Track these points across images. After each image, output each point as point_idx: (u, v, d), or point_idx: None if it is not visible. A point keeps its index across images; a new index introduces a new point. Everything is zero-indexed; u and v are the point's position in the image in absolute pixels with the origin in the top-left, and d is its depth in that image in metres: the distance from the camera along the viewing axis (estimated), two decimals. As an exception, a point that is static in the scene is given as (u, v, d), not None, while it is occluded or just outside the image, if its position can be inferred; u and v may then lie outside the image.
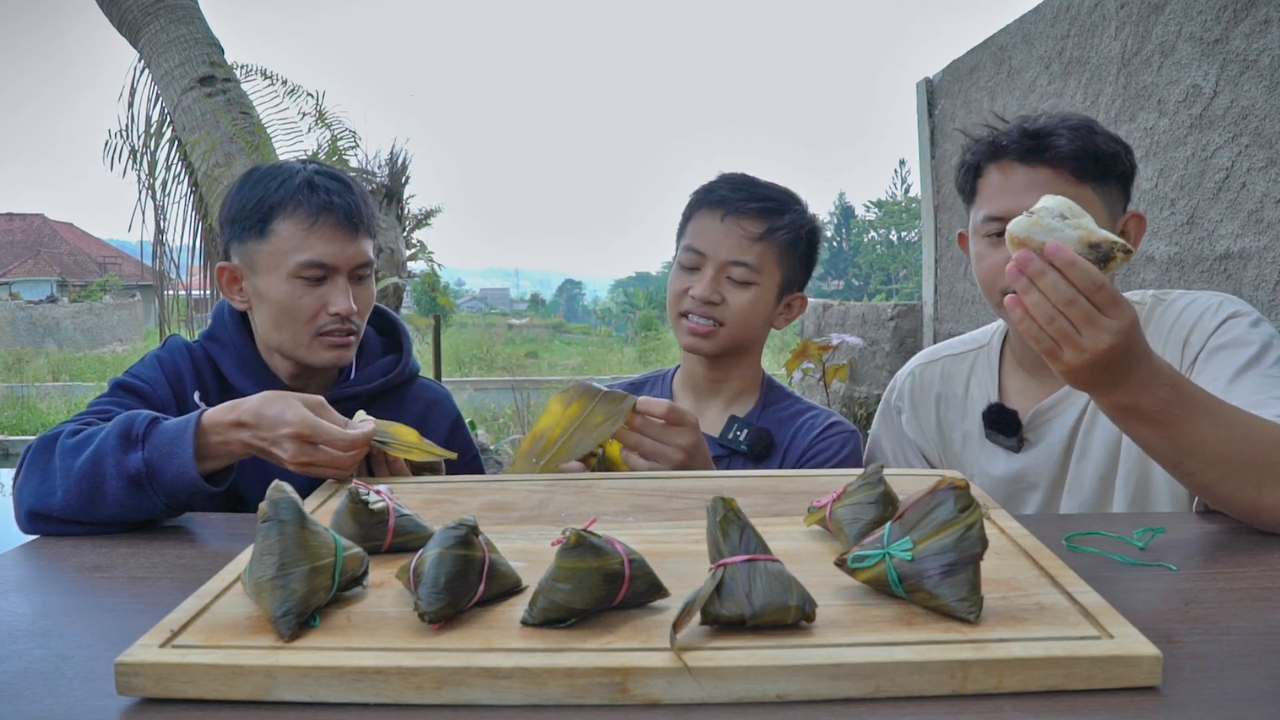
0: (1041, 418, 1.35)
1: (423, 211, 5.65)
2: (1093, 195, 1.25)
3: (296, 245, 1.31)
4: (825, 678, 0.61)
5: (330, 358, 1.36)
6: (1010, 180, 1.28)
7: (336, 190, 1.34)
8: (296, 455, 1.08)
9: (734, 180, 1.48)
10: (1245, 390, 1.12)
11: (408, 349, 1.51)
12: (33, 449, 1.15)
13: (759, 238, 1.43)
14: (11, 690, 0.65)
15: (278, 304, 1.33)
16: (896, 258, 46.92)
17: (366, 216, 1.37)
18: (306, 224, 1.31)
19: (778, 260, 1.46)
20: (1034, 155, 1.26)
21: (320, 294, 1.33)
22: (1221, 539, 0.99)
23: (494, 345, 19.91)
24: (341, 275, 1.34)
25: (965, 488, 0.71)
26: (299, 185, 1.32)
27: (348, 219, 1.33)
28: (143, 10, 4.83)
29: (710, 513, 0.71)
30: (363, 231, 1.36)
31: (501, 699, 0.61)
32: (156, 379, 1.34)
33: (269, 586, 0.68)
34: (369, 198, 1.41)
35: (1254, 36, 2.39)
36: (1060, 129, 1.25)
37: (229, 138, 4.55)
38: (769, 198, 1.46)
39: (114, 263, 36.65)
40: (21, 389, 11.99)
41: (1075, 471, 1.32)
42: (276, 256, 1.32)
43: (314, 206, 1.31)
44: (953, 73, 4.27)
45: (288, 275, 1.32)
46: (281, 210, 1.32)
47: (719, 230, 1.44)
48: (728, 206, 1.44)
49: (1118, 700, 0.60)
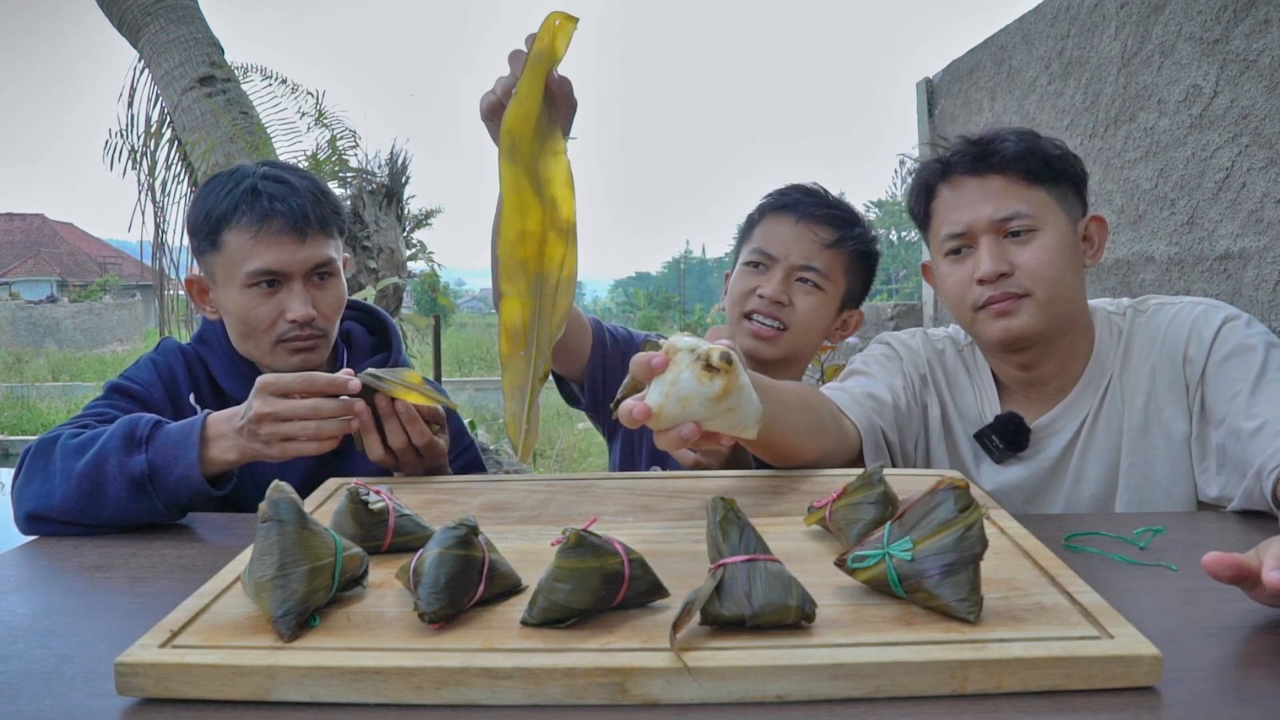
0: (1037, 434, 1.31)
1: (423, 211, 5.65)
2: (1046, 198, 1.25)
3: (245, 255, 1.30)
4: (825, 678, 0.61)
5: (295, 363, 1.34)
6: (963, 194, 1.27)
7: (280, 195, 1.31)
8: (261, 408, 1.08)
9: (805, 187, 1.51)
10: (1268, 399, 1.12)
11: (397, 347, 1.51)
12: (31, 451, 1.15)
13: (831, 244, 1.44)
14: (11, 690, 0.65)
15: (237, 315, 1.33)
16: (896, 258, 46.90)
17: (320, 216, 1.33)
18: (251, 233, 1.29)
19: (845, 270, 1.47)
20: (982, 164, 1.26)
21: (276, 301, 1.32)
22: (1221, 539, 0.99)
23: (494, 345, 19.87)
24: (296, 280, 1.32)
25: (965, 488, 0.71)
26: (242, 194, 1.30)
27: (293, 224, 1.30)
28: (143, 10, 4.83)
29: (710, 513, 0.71)
30: (314, 234, 1.32)
31: (501, 699, 0.61)
32: (151, 381, 1.34)
33: (269, 586, 0.68)
34: (326, 195, 1.37)
35: (1254, 36, 2.39)
36: (1004, 134, 1.26)
37: (229, 138, 4.55)
38: (841, 207, 1.49)
39: (114, 263, 36.65)
40: (21, 389, 11.99)
41: (1070, 493, 1.29)
42: (229, 268, 1.31)
43: (257, 215, 1.29)
44: (953, 73, 4.27)
45: (241, 286, 1.31)
46: (227, 222, 1.30)
47: (791, 233, 1.45)
48: (801, 210, 1.45)
49: (1118, 700, 0.60)
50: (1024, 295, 1.23)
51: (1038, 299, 1.22)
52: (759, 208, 1.53)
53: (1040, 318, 1.23)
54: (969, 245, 1.27)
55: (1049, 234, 1.23)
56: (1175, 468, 1.23)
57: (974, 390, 1.38)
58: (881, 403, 1.29)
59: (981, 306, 1.25)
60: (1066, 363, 1.30)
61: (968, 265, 1.27)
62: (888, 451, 1.27)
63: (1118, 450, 1.27)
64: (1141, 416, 1.25)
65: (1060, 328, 1.26)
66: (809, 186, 1.51)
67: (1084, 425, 1.28)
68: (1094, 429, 1.28)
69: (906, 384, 1.36)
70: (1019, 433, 1.29)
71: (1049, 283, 1.22)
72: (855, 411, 1.24)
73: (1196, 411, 1.22)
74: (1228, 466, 1.16)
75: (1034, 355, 1.28)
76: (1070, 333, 1.28)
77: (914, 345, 1.42)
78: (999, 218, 1.23)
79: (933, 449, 1.37)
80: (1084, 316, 1.30)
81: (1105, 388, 1.28)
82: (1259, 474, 1.06)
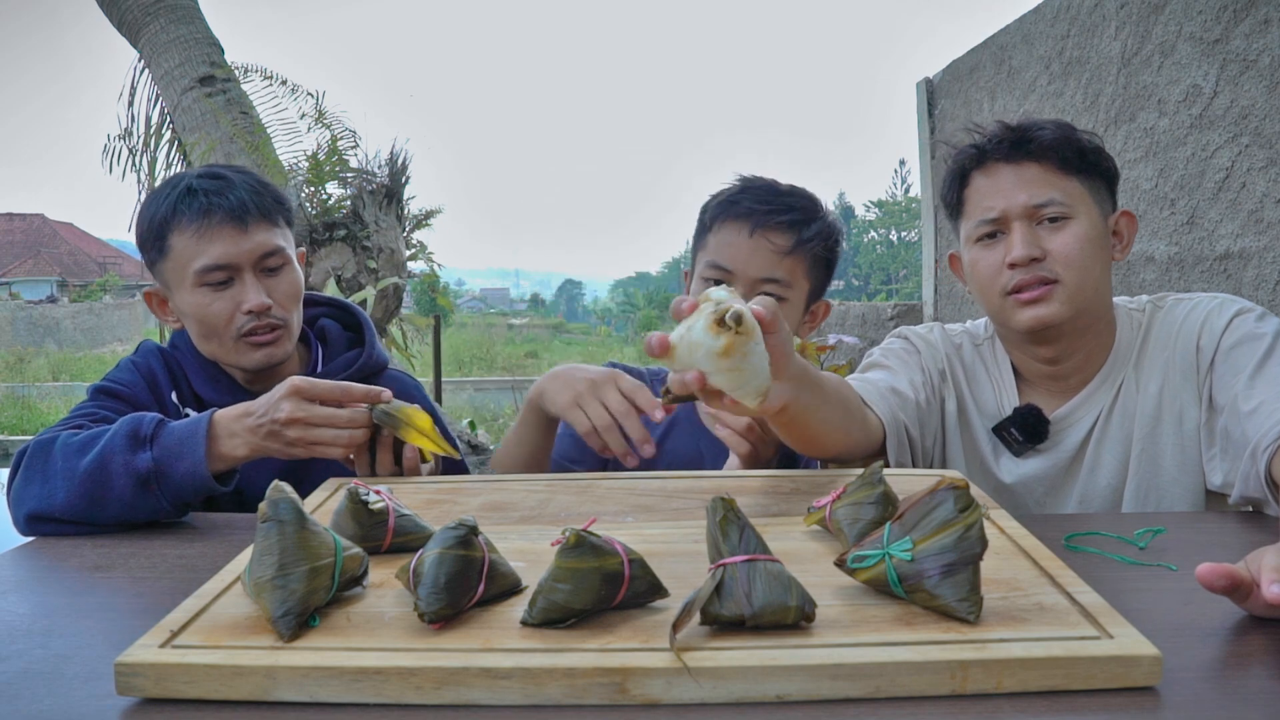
0: (1055, 426, 1.31)
1: (423, 211, 5.65)
2: (1080, 189, 1.25)
3: (191, 254, 1.31)
4: (825, 678, 0.61)
5: (259, 358, 1.35)
6: (999, 182, 1.27)
7: (215, 189, 1.32)
8: (294, 412, 1.10)
9: (758, 190, 1.41)
10: (1267, 381, 1.13)
11: (370, 340, 1.50)
12: (29, 452, 1.15)
13: (789, 251, 1.37)
14: (11, 690, 0.65)
15: (194, 316, 1.34)
16: (896, 258, 46.92)
17: (261, 206, 1.34)
18: (194, 231, 1.31)
19: (807, 273, 1.42)
20: (1018, 151, 1.26)
21: (230, 295, 1.33)
22: (1221, 539, 0.99)
23: (494, 345, 19.89)
24: (246, 271, 1.33)
25: (965, 488, 0.71)
26: (179, 195, 1.32)
27: (232, 216, 1.31)
28: (143, 10, 4.83)
29: (710, 513, 0.71)
30: (256, 223, 1.33)
31: (501, 699, 0.61)
32: (135, 382, 1.35)
33: (269, 587, 0.68)
34: (266, 186, 1.38)
35: (1254, 36, 2.39)
36: (1042, 123, 1.26)
37: (229, 138, 4.55)
38: (795, 207, 1.39)
39: (114, 263, 36.66)
40: (21, 389, 11.98)
41: (1086, 484, 1.30)
42: (179, 271, 1.33)
43: (195, 212, 1.30)
44: (953, 73, 4.27)
45: (192, 286, 1.32)
46: (170, 225, 1.32)
47: (746, 246, 1.37)
48: (755, 220, 1.37)
49: (1118, 700, 0.60)
50: (1054, 281, 1.23)
51: (1067, 286, 1.23)
52: (710, 211, 1.43)
53: (1069, 306, 1.23)
54: (1002, 231, 1.27)
55: (1081, 223, 1.24)
56: (1185, 456, 1.24)
57: (992, 384, 1.39)
58: (904, 398, 1.30)
59: (1011, 292, 1.26)
60: (1090, 355, 1.31)
61: (999, 250, 1.27)
62: (909, 448, 1.27)
63: (1132, 440, 1.27)
64: (1155, 405, 1.26)
65: (1085, 318, 1.27)
66: (760, 187, 1.42)
67: (1101, 416, 1.30)
68: (1110, 419, 1.29)
69: (925, 379, 1.36)
70: (1038, 424, 1.30)
71: (1079, 270, 1.23)
72: (880, 406, 1.25)
73: (1205, 400, 1.23)
74: (1230, 451, 1.17)
75: (1061, 348, 1.29)
76: (1095, 325, 1.29)
77: (932, 340, 1.41)
78: (1034, 204, 1.24)
79: (949, 444, 1.37)
80: (1108, 311, 1.31)
81: (1122, 379, 1.30)
82: (1254, 454, 1.08)
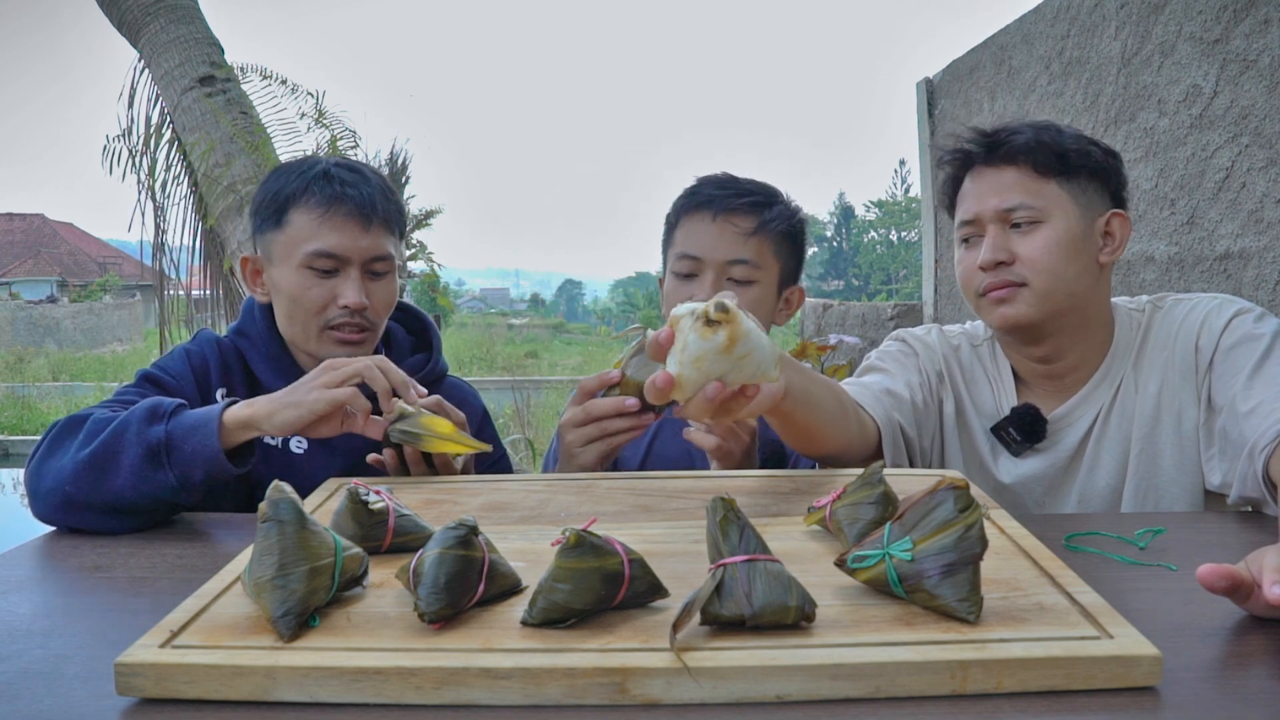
0: (1054, 425, 1.32)
1: (423, 212, 5.65)
2: (1059, 192, 1.25)
3: (308, 235, 1.32)
4: (825, 678, 0.61)
5: (339, 354, 1.34)
6: (979, 185, 1.30)
7: (351, 181, 1.34)
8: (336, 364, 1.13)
9: (716, 179, 1.48)
10: (1265, 382, 1.14)
11: (437, 348, 1.52)
12: (59, 425, 1.15)
13: (753, 232, 1.42)
14: (11, 690, 0.65)
15: (288, 294, 1.34)
16: (896, 258, 46.92)
17: (386, 211, 1.36)
18: (319, 213, 1.32)
19: (774, 253, 1.46)
20: (994, 154, 1.28)
21: (331, 286, 1.33)
22: (1221, 539, 0.99)
23: (494, 345, 19.90)
24: (353, 267, 1.34)
25: (965, 487, 0.71)
26: (315, 176, 1.34)
27: (360, 210, 1.33)
28: (143, 10, 4.83)
29: (710, 513, 0.71)
30: (378, 225, 1.35)
31: (501, 699, 0.61)
32: (182, 373, 1.34)
33: (269, 587, 0.68)
34: (393, 194, 1.41)
35: (1254, 36, 2.39)
36: (1020, 127, 1.27)
37: (229, 138, 4.55)
38: (753, 192, 1.45)
39: (114, 263, 36.64)
40: (21, 389, 11.97)
41: (1085, 483, 1.30)
42: (290, 246, 1.33)
43: (327, 196, 1.32)
44: (953, 73, 4.27)
45: (299, 265, 1.32)
46: (296, 200, 1.33)
47: (711, 231, 1.42)
48: (717, 205, 1.43)
49: (1118, 700, 0.60)
50: (1021, 285, 1.25)
51: (1035, 289, 1.25)
52: (674, 209, 1.50)
53: (1035, 308, 1.25)
54: (979, 234, 1.30)
55: (1054, 227, 1.24)
56: (1183, 456, 1.25)
57: (990, 385, 1.39)
58: (899, 399, 1.30)
59: (983, 293, 1.29)
60: (1086, 356, 1.31)
61: (975, 253, 1.29)
62: (905, 448, 1.28)
63: (1131, 440, 1.28)
64: (1154, 405, 1.27)
65: (1070, 318, 1.27)
66: (719, 178, 1.48)
67: (1099, 416, 1.30)
68: (1108, 419, 1.29)
69: (923, 380, 1.37)
70: (1036, 424, 1.30)
71: (1047, 274, 1.24)
72: (875, 408, 1.25)
73: (1204, 400, 1.23)
74: (1228, 451, 1.17)
75: (1050, 347, 1.30)
76: (1087, 325, 1.30)
77: (930, 341, 1.42)
78: (1004, 208, 1.26)
79: (947, 445, 1.38)
80: (1101, 310, 1.31)
81: (1121, 379, 1.30)
82: (1251, 454, 1.08)
